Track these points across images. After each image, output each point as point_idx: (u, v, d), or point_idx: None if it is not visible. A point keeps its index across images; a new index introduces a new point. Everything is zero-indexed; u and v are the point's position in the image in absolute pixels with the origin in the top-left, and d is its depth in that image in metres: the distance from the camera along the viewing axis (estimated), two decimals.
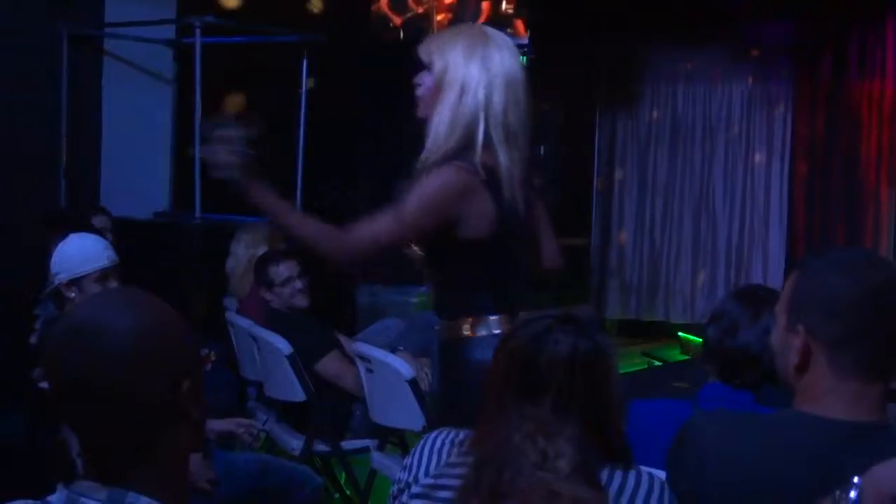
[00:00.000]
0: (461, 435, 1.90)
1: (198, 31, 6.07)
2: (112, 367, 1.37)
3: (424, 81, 2.86)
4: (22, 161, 6.48)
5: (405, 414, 4.03)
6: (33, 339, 4.32)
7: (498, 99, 2.79)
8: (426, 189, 2.77)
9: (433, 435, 1.96)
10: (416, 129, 2.89)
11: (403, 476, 1.90)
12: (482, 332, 2.87)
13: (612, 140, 9.68)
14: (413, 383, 3.98)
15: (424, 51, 2.87)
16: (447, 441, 1.91)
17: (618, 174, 9.72)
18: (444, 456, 1.89)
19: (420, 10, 7.43)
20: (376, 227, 2.79)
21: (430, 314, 5.05)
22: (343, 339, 4.85)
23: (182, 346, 1.44)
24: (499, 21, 7.23)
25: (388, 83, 7.52)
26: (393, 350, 4.40)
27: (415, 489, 1.87)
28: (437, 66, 2.82)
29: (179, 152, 6.92)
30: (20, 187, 6.44)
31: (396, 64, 7.43)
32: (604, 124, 9.68)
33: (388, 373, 4.07)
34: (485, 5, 7.42)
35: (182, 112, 6.80)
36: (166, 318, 1.44)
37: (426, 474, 1.88)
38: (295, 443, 4.45)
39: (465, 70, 2.79)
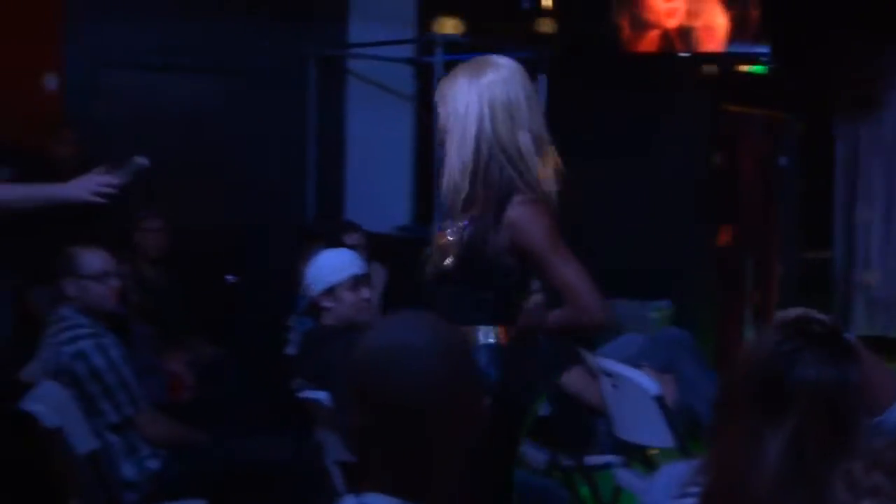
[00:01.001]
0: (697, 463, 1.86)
1: (439, 49, 6.19)
2: (428, 386, 1.41)
3: (440, 117, 2.99)
4: (272, 178, 6.78)
5: (651, 431, 4.00)
6: (290, 350, 4.50)
7: (503, 126, 2.90)
8: (541, 231, 2.88)
9: (672, 465, 1.94)
10: (660, 143, 2.89)
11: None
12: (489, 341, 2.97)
13: (855, 148, 9.32)
14: (659, 400, 3.94)
15: (436, 96, 3.00)
16: (685, 469, 1.89)
17: (861, 184, 9.35)
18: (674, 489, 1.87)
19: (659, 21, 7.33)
20: (581, 281, 2.88)
21: (675, 329, 5.01)
22: (586, 353, 4.84)
23: (473, 362, 1.49)
24: (741, 30, 7.08)
25: (625, 97, 7.55)
26: (636, 366, 4.37)
27: None
28: (442, 110, 2.95)
29: (420, 168, 7.06)
30: (270, 204, 6.74)
31: (633, 77, 7.46)
32: (845, 132, 9.33)
33: (633, 389, 4.04)
34: (724, 17, 7.27)
35: (422, 128, 6.95)
36: (457, 335, 1.49)
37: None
38: (539, 456, 4.47)
39: (465, 108, 2.90)
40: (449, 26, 7.20)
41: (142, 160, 3.38)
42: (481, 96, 2.90)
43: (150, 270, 5.67)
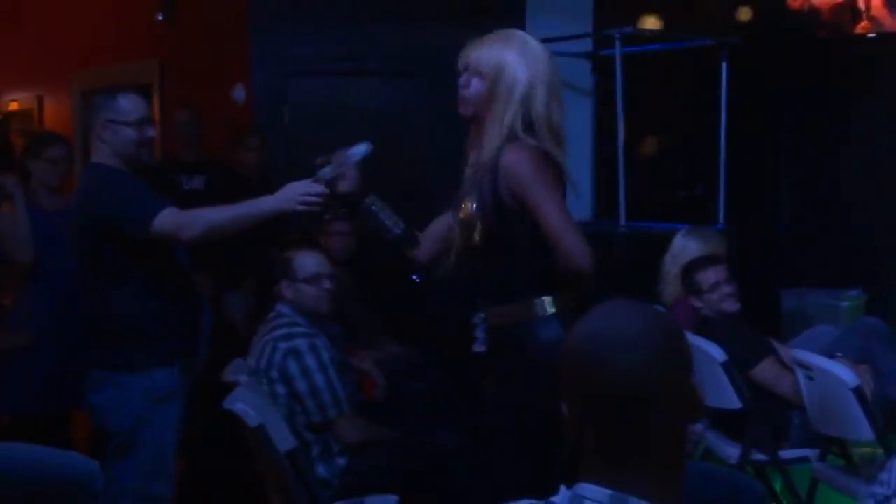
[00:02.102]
0: None
1: (617, 43, 6.15)
2: (651, 373, 1.43)
3: (472, 84, 3.10)
4: (457, 179, 6.84)
5: (850, 423, 3.90)
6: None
7: (541, 99, 3.02)
8: (529, 169, 2.95)
9: None
10: (849, 125, 2.80)
11: (880, 490, 1.85)
12: (550, 310, 2.99)
13: None
14: (858, 391, 3.83)
15: (472, 57, 3.12)
16: None
17: None
18: None
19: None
20: (566, 223, 2.90)
21: (871, 318, 4.85)
22: (777, 345, 4.74)
23: (688, 346, 1.50)
24: None
25: (809, 83, 7.36)
26: (830, 357, 4.26)
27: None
28: (488, 70, 3.06)
29: (599, 163, 7.04)
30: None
31: (818, 62, 7.26)
32: None
33: (830, 380, 3.94)
34: None
35: (602, 123, 6.92)
36: (669, 320, 1.50)
37: None
38: (731, 451, 4.41)
39: (514, 73, 3.03)
40: (650, 22, 7.14)
41: (359, 149, 3.40)
42: (529, 68, 3.03)
43: (337, 271, 5.80)
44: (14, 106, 9.62)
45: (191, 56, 7.31)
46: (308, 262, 4.22)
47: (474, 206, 3.04)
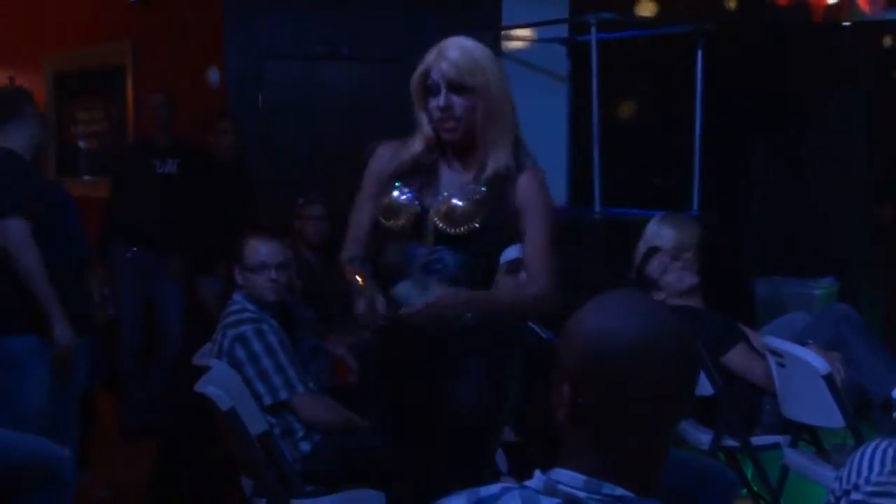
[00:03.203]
0: None
1: (593, 29, 6.14)
2: (677, 375, 1.47)
3: (458, 103, 3.01)
4: None
5: (820, 410, 3.92)
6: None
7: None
8: (544, 199, 3.06)
9: (873, 444, 1.89)
10: (825, 114, 2.81)
11: (838, 486, 1.85)
12: None
13: None
14: (828, 378, 3.85)
15: (446, 72, 2.99)
16: (890, 449, 1.84)
17: None
18: (888, 465, 1.82)
19: None
20: (547, 258, 3.04)
21: (842, 305, 4.87)
22: (749, 332, 4.76)
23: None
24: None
25: (785, 71, 7.38)
26: (801, 344, 4.28)
27: (854, 496, 1.81)
28: (475, 83, 2.98)
29: (575, 149, 7.03)
30: None
31: (794, 50, 7.28)
32: None
33: (801, 367, 3.96)
34: None
35: (577, 109, 6.91)
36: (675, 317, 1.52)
37: (867, 482, 1.82)
38: (702, 437, 4.42)
39: (499, 83, 3.03)
40: (646, 9, 7.14)
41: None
42: (502, 75, 3.07)
43: (312, 256, 5.79)
44: None
45: (165, 38, 7.27)
46: (259, 250, 4.16)
47: (459, 201, 3.03)
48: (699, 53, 6.37)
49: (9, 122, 4.20)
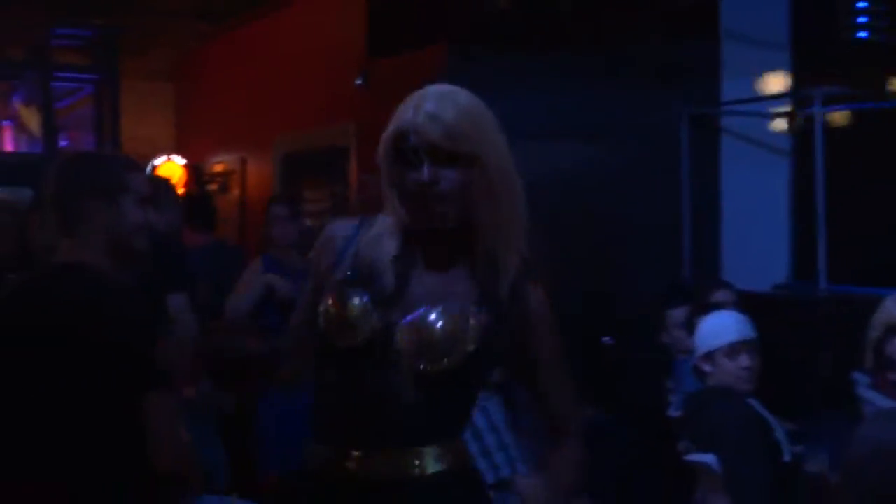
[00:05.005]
0: None
1: (817, 102, 5.99)
2: None
3: (448, 177, 2.18)
4: (646, 237, 6.79)
5: None
6: (673, 412, 4.47)
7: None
8: (549, 318, 2.40)
9: None
10: None
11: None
12: None
13: None
14: None
15: (429, 135, 2.22)
16: None
17: None
18: None
19: None
20: (572, 409, 2.45)
21: None
22: None
23: None
24: None
25: None
26: None
27: None
28: (477, 152, 2.21)
29: (798, 223, 6.84)
30: (644, 262, 6.74)
31: None
32: None
33: None
34: None
35: (800, 182, 6.74)
36: None
37: None
38: None
39: (507, 152, 2.29)
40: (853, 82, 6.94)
41: None
42: (506, 144, 2.34)
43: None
44: (219, 167, 10.02)
45: (385, 119, 7.47)
46: None
47: (440, 321, 2.19)
48: None
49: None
